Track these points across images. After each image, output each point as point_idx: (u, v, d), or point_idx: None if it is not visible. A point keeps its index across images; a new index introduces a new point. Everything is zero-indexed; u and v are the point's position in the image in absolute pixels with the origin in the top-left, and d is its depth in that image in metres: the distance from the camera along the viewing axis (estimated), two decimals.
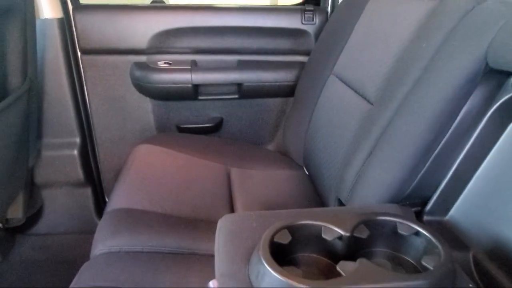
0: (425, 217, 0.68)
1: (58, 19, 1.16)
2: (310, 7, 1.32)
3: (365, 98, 0.86)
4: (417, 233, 0.52)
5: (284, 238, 0.50)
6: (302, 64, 1.31)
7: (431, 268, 0.46)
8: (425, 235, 0.51)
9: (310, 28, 1.32)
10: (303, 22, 1.31)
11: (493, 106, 0.60)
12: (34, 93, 1.10)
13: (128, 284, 0.66)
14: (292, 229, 0.51)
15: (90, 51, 1.26)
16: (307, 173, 1.18)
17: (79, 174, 1.33)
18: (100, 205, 1.44)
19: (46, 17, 1.15)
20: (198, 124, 1.39)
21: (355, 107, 0.88)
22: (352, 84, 0.95)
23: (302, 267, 0.51)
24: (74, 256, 1.33)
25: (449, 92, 0.59)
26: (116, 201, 0.88)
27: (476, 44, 0.57)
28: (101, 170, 1.43)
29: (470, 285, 0.48)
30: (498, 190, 0.61)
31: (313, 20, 1.32)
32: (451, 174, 0.64)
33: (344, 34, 1.06)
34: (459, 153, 0.63)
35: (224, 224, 0.57)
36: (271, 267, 0.44)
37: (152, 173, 1.02)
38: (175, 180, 1.01)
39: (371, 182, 0.69)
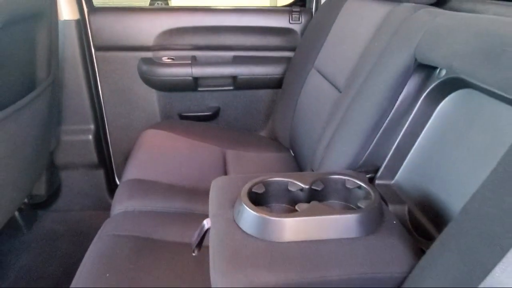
0: (377, 181, 0.85)
1: (76, 20, 1.34)
2: (297, 8, 1.49)
3: (336, 88, 1.04)
4: (359, 187, 0.70)
5: (260, 189, 0.68)
6: (289, 59, 1.48)
7: (363, 207, 0.64)
8: (364, 187, 0.68)
9: (297, 27, 1.49)
10: (290, 21, 1.48)
11: (424, 92, 0.77)
12: (56, 85, 1.28)
13: (141, 234, 0.84)
14: (266, 183, 0.69)
15: (102, 48, 1.43)
16: (292, 154, 1.36)
17: (94, 157, 1.51)
18: (111, 185, 1.62)
19: (66, 19, 1.32)
20: (198, 112, 1.57)
21: (328, 96, 1.06)
22: (328, 76, 1.12)
23: (272, 211, 0.68)
24: (89, 229, 1.51)
25: (389, 82, 0.77)
26: (130, 173, 1.06)
27: (408, 45, 0.74)
28: (112, 154, 1.61)
29: (394, 222, 0.66)
30: (430, 158, 0.78)
31: (299, 19, 1.49)
32: (395, 146, 0.82)
33: (324, 33, 1.23)
34: (400, 130, 0.81)
35: (216, 183, 0.75)
36: (247, 205, 0.61)
37: (158, 153, 1.20)
38: (178, 159, 1.18)
39: (334, 154, 0.87)
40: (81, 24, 1.36)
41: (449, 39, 0.66)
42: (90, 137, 1.47)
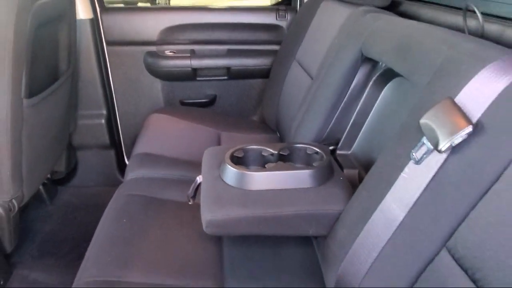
0: (337, 152, 1.06)
1: (90, 19, 1.54)
2: (283, 7, 1.68)
3: (310, 77, 1.24)
4: (316, 153, 0.91)
5: (239, 154, 0.89)
6: (276, 52, 1.68)
7: (316, 166, 0.85)
8: (320, 152, 0.90)
9: (283, 23, 1.69)
10: (277, 19, 1.68)
11: (371, 80, 0.97)
12: (75, 76, 1.49)
13: (149, 194, 1.06)
14: (245, 150, 0.90)
15: (113, 43, 1.64)
16: (278, 135, 1.56)
17: (106, 139, 1.72)
18: (121, 164, 1.84)
19: (81, 18, 1.52)
20: (197, 99, 1.77)
21: (304, 84, 1.26)
22: (305, 67, 1.32)
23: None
24: (101, 201, 1.70)
25: (343, 72, 0.97)
26: (139, 149, 1.27)
27: (357, 43, 0.95)
28: (122, 136, 1.82)
29: (341, 178, 0.87)
30: (376, 130, 0.99)
31: (285, 17, 1.68)
32: (350, 123, 1.03)
33: (304, 30, 1.42)
34: (354, 110, 1.01)
35: (208, 151, 0.96)
36: (229, 164, 0.83)
37: (162, 133, 1.41)
38: (179, 138, 1.40)
39: (303, 130, 1.08)
40: (94, 22, 1.57)
41: (383, 39, 0.86)
42: (103, 121, 1.69)
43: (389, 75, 0.94)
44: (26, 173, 1.16)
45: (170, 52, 1.68)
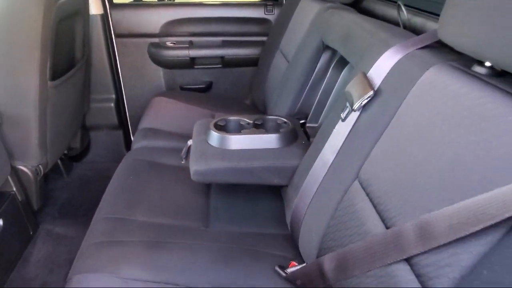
0: (307, 124, 1.28)
1: (101, 14, 1.77)
2: (270, 3, 1.90)
3: (288, 62, 1.46)
4: (285, 122, 1.13)
5: (222, 123, 1.11)
6: (264, 43, 1.89)
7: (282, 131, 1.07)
8: (287, 122, 1.12)
9: (271, 17, 1.90)
10: (265, 13, 1.89)
11: (332, 63, 1.19)
12: (88, 64, 1.72)
13: (152, 159, 1.29)
14: (226, 120, 1.12)
15: (121, 35, 1.86)
16: None
17: (115, 120, 1.95)
18: (128, 142, 2.07)
19: (93, 14, 1.75)
20: (195, 85, 2.00)
21: (283, 68, 1.48)
22: (284, 54, 1.54)
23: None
24: (111, 175, 1.95)
25: (308, 57, 1.19)
26: (144, 124, 1.51)
27: (319, 33, 1.16)
28: (129, 118, 2.06)
29: (303, 142, 1.09)
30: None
31: (272, 11, 1.90)
32: (316, 101, 1.25)
33: (286, 23, 1.63)
34: (319, 89, 1.23)
35: (197, 122, 1.19)
36: (212, 129, 1.05)
37: (164, 113, 1.64)
38: (177, 117, 1.62)
39: (278, 107, 1.30)
40: (104, 17, 1.79)
41: (335, 31, 1.08)
42: (112, 104, 1.92)
43: (345, 60, 1.15)
44: (50, 144, 1.39)
45: (171, 43, 1.90)
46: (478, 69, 0.61)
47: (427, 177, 0.56)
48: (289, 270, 0.88)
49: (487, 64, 0.59)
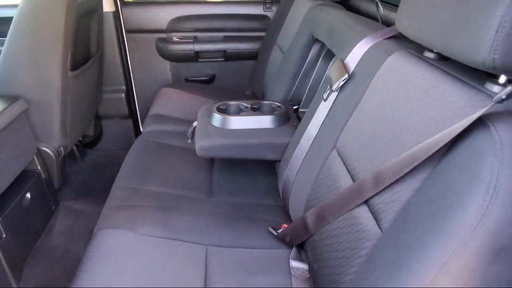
0: (300, 110, 1.43)
1: (112, 12, 1.92)
2: (269, 0, 2.05)
3: (283, 54, 1.61)
4: (279, 106, 1.28)
5: (223, 107, 1.26)
6: (263, 38, 2.04)
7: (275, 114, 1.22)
8: (281, 106, 1.27)
9: (269, 14, 2.05)
10: (264, 10, 2.04)
11: (321, 54, 1.34)
12: (101, 57, 1.87)
13: (162, 141, 1.44)
14: (227, 104, 1.28)
15: (131, 31, 2.02)
16: None
17: (125, 110, 2.11)
18: (137, 131, 2.22)
19: (106, 11, 1.90)
20: (199, 77, 2.15)
21: (279, 59, 1.63)
22: (281, 48, 1.68)
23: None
24: (122, 161, 2.12)
25: (299, 49, 1.34)
26: (152, 111, 1.66)
27: (309, 27, 1.31)
28: (138, 108, 2.21)
29: (295, 123, 1.24)
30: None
31: (271, 8, 2.04)
32: (308, 88, 1.39)
33: (283, 19, 1.78)
34: (310, 78, 1.38)
35: (202, 108, 1.34)
36: (215, 112, 1.20)
37: (171, 102, 1.79)
38: (183, 105, 1.77)
39: (274, 93, 1.45)
40: (116, 14, 1.95)
41: (323, 25, 1.22)
42: (123, 95, 2.07)
43: (332, 52, 1.30)
44: (69, 128, 1.55)
45: (177, 38, 2.05)
46: (428, 54, 0.75)
47: (382, 139, 0.71)
48: (280, 230, 1.03)
49: (435, 50, 0.74)
